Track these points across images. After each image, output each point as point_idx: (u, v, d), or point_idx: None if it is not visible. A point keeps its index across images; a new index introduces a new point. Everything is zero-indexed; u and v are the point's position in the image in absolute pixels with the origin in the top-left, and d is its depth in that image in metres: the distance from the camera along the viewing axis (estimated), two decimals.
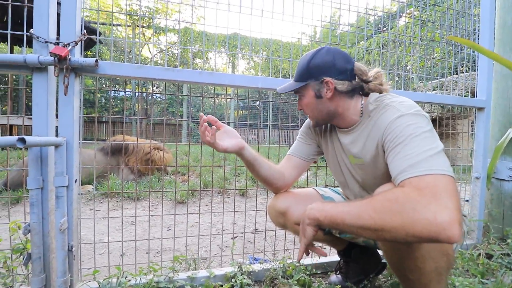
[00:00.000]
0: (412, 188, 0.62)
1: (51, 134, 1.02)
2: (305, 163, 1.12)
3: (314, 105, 0.92)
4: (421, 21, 1.88)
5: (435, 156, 0.66)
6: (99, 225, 2.04)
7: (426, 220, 0.55)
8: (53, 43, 0.99)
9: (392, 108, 0.81)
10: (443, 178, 0.62)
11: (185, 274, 1.18)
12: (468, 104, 1.66)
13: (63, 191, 1.01)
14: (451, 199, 0.57)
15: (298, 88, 0.91)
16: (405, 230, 0.57)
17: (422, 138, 0.70)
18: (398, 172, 0.68)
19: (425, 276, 0.71)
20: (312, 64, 0.88)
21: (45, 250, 1.01)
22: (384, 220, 0.59)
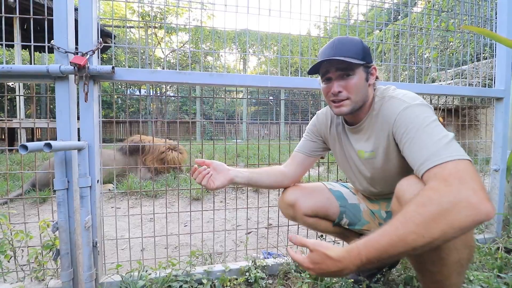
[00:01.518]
0: (438, 181, 0.63)
1: (74, 138, 1.09)
2: (310, 159, 1.14)
3: (362, 88, 0.88)
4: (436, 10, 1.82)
5: (450, 143, 0.68)
6: (120, 222, 2.15)
7: (464, 207, 0.57)
8: (72, 53, 1.05)
9: (398, 100, 0.84)
10: (463, 162, 0.64)
11: (202, 268, 1.23)
12: (485, 94, 1.61)
13: (87, 191, 1.08)
14: (474, 180, 0.60)
15: (356, 64, 0.85)
16: (453, 227, 0.57)
17: (433, 127, 0.72)
18: (420, 163, 0.70)
19: (448, 268, 0.71)
20: (365, 47, 0.88)
21: (72, 246, 1.09)
22: (431, 229, 0.58)
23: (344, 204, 1.12)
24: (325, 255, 0.64)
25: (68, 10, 1.04)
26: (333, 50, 0.87)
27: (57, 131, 1.07)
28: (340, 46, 0.86)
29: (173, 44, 11.10)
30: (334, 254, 0.64)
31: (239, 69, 9.15)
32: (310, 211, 1.09)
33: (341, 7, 1.49)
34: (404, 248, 0.59)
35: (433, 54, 1.66)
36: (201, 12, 1.29)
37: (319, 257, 0.65)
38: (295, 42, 8.89)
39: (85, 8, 1.06)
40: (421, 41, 1.69)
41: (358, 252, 0.62)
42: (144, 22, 8.80)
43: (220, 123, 11.59)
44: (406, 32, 1.65)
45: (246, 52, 8.67)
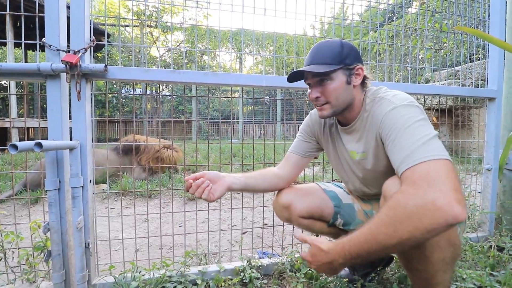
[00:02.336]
0: (407, 183, 0.65)
1: (66, 137, 1.08)
2: (304, 160, 1.14)
3: (341, 92, 0.88)
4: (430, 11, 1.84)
5: (427, 142, 0.69)
6: (113, 222, 2.12)
7: (428, 210, 0.58)
8: (64, 51, 1.04)
9: (387, 101, 0.84)
10: (436, 162, 0.65)
11: (196, 269, 1.23)
12: (478, 95, 1.63)
13: (79, 191, 1.07)
14: (444, 182, 0.60)
15: (332, 70, 0.86)
16: (419, 229, 0.59)
17: (414, 127, 0.73)
18: (397, 165, 0.72)
19: (433, 266, 0.72)
20: (346, 49, 0.87)
21: (64, 247, 1.07)
22: (398, 231, 0.61)
23: (339, 204, 1.12)
24: (318, 248, 0.74)
25: (60, 7, 1.03)
26: (311, 57, 0.90)
27: (49, 130, 1.05)
28: (317, 53, 0.89)
29: (168, 43, 11.03)
30: (325, 246, 0.73)
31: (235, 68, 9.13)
32: (305, 213, 1.09)
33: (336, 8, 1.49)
34: (377, 246, 0.64)
35: (427, 55, 1.67)
36: (196, 11, 1.28)
37: (315, 250, 0.75)
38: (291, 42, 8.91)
39: (77, 5, 1.05)
40: (415, 42, 1.71)
41: (343, 246, 0.70)
42: (139, 21, 8.73)
43: (216, 123, 11.55)
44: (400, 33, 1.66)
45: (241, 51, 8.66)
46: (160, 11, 9.64)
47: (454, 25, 1.72)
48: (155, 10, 9.51)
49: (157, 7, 9.29)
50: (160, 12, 9.74)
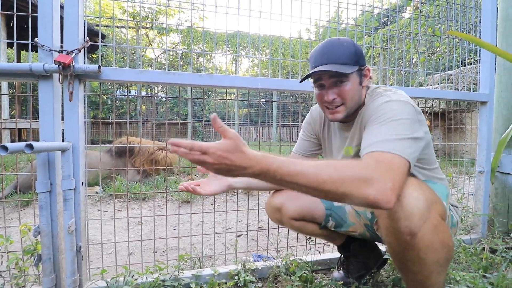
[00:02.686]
0: (371, 159, 0.67)
1: (58, 139, 1.06)
2: (307, 159, 1.14)
3: (356, 93, 0.88)
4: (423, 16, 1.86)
5: (403, 140, 0.70)
6: (106, 225, 2.09)
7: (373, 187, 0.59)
8: (57, 51, 1.02)
9: (384, 96, 0.85)
10: (400, 160, 0.66)
11: (190, 272, 1.21)
12: (470, 98, 1.65)
13: (71, 194, 1.05)
14: (399, 176, 0.63)
15: (352, 71, 0.84)
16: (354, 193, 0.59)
17: (399, 123, 0.73)
18: (367, 145, 0.72)
19: (427, 268, 0.72)
20: (357, 49, 0.86)
21: (55, 251, 1.05)
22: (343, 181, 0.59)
23: (330, 207, 1.13)
24: (240, 147, 0.58)
25: (54, 7, 1.01)
26: (325, 56, 0.85)
27: (40, 131, 1.04)
28: (332, 52, 0.85)
29: (164, 45, 11.01)
30: (249, 150, 0.60)
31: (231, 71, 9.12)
32: (296, 215, 1.09)
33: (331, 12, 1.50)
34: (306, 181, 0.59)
35: (420, 59, 1.70)
36: (191, 13, 1.28)
37: (234, 147, 0.58)
38: (286, 45, 8.96)
39: (71, 5, 1.03)
40: (409, 46, 1.73)
41: (272, 162, 0.59)
42: (134, 22, 8.70)
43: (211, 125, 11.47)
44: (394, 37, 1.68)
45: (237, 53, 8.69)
46: (156, 12, 9.63)
47: (447, 30, 1.74)
48: (151, 11, 9.49)
49: (153, 9, 9.28)
50: (156, 14, 9.73)
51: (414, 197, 0.68)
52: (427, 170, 0.92)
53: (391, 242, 0.76)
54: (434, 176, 0.94)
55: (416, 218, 0.67)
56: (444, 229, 0.72)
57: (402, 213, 0.69)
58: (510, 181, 1.70)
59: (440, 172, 0.98)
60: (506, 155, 1.70)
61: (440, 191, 0.84)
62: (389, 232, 0.73)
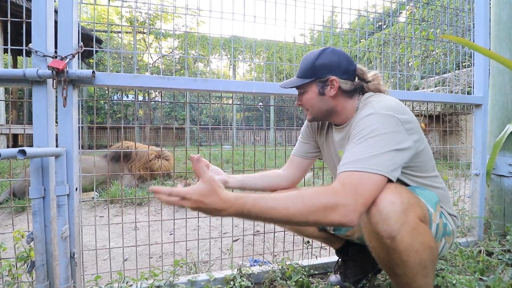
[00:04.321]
0: (339, 183, 0.71)
1: (52, 144, 1.05)
2: (306, 161, 1.15)
3: (315, 102, 0.95)
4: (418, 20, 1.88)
5: (378, 156, 0.72)
6: (102, 231, 2.08)
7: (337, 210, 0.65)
8: (51, 57, 1.02)
9: (369, 107, 0.85)
10: (369, 176, 0.70)
11: (186, 278, 1.20)
12: (465, 101, 1.66)
13: (64, 199, 1.04)
14: (364, 195, 0.68)
15: (302, 84, 0.94)
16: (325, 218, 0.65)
17: (376, 139, 0.75)
18: (342, 164, 0.76)
19: (411, 270, 0.73)
20: (318, 62, 0.91)
21: (48, 257, 1.04)
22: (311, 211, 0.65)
23: None
24: (215, 191, 0.63)
25: (48, 12, 1.01)
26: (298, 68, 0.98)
27: (34, 137, 1.03)
28: (300, 65, 0.98)
29: (162, 50, 11.03)
30: (223, 193, 0.64)
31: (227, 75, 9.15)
32: None
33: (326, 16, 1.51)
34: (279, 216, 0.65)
35: (414, 63, 1.71)
36: (186, 18, 1.29)
37: (209, 191, 0.63)
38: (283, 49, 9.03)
39: (65, 10, 1.04)
40: (403, 50, 1.75)
41: (245, 202, 0.64)
42: (131, 27, 8.73)
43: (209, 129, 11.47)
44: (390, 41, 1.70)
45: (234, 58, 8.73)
46: (153, 17, 9.67)
47: (441, 34, 1.76)
48: (148, 16, 9.54)
49: (149, 14, 9.32)
50: (153, 19, 9.78)
51: (389, 201, 0.70)
52: (420, 178, 0.91)
53: (375, 247, 0.76)
54: (428, 184, 0.93)
55: (392, 221, 0.69)
56: (424, 231, 0.73)
57: (379, 216, 0.71)
58: (505, 184, 1.71)
59: (439, 181, 0.96)
60: (501, 157, 1.70)
61: (428, 198, 0.85)
62: (371, 237, 0.75)
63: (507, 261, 1.37)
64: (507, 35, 1.71)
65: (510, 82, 1.70)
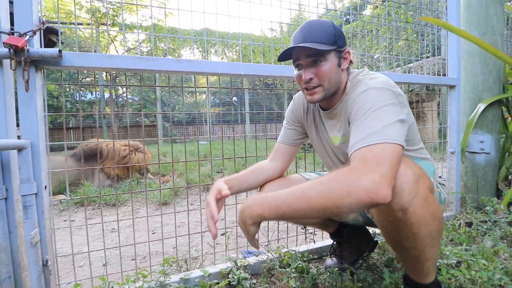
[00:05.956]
0: (358, 160, 0.67)
1: (12, 136, 0.90)
2: (292, 148, 1.10)
3: (333, 74, 0.85)
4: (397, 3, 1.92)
5: (389, 126, 0.69)
6: (75, 235, 1.90)
7: (363, 186, 0.60)
8: (6, 33, 0.87)
9: (363, 84, 0.83)
10: (391, 146, 0.66)
11: (178, 276, 1.11)
12: (440, 82, 1.73)
13: (32, 199, 0.90)
14: (389, 165, 0.64)
15: (326, 50, 0.81)
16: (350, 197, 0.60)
17: (380, 111, 0.72)
18: (354, 143, 0.71)
19: (421, 242, 0.71)
20: (337, 30, 0.84)
21: (16, 268, 0.90)
22: (332, 196, 0.62)
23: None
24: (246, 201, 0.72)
25: None
26: (302, 35, 0.83)
27: None
28: (310, 31, 0.83)
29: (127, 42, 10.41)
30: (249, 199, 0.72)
31: None
32: None
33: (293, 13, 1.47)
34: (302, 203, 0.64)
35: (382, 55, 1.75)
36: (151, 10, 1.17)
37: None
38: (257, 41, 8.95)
39: None
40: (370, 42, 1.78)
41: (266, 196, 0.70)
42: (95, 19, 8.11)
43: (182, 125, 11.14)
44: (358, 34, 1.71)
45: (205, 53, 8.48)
46: (117, 8, 9.07)
47: (415, 18, 1.81)
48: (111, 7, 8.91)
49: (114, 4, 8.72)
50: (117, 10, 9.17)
51: (401, 172, 0.67)
52: (411, 151, 0.92)
53: (383, 221, 0.74)
54: (417, 156, 0.94)
55: (405, 194, 0.66)
56: (433, 202, 0.72)
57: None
58: (477, 160, 1.82)
59: (425, 152, 0.98)
60: (474, 135, 1.81)
61: (426, 168, 0.85)
62: (380, 211, 0.72)
63: (485, 231, 1.45)
64: (476, 19, 1.80)
65: (480, 64, 1.80)
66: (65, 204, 2.53)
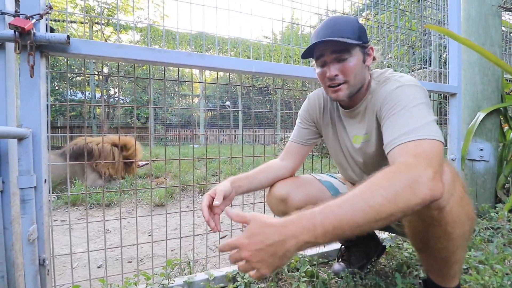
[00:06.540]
0: (408, 155, 0.63)
1: (11, 125, 0.84)
2: (305, 148, 1.08)
3: (359, 70, 0.82)
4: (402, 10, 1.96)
5: (430, 123, 0.68)
6: (66, 236, 1.80)
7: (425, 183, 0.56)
8: (11, 15, 0.82)
9: (393, 81, 0.81)
10: (436, 142, 0.65)
11: (181, 279, 1.06)
12: (442, 90, 1.75)
13: (31, 193, 0.84)
14: (439, 161, 0.61)
15: (353, 44, 0.79)
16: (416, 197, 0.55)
17: (419, 108, 0.71)
18: (393, 138, 0.69)
19: (453, 242, 0.69)
20: (361, 26, 0.82)
21: (9, 266, 0.83)
22: (398, 197, 0.54)
23: (336, 194, 1.07)
24: (263, 222, 0.53)
25: None
26: (327, 30, 0.80)
27: None
28: (335, 26, 0.80)
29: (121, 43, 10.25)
30: (275, 220, 0.54)
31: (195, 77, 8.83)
32: (303, 204, 1.01)
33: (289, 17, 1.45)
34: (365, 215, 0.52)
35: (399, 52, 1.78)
36: (148, 9, 1.14)
37: (257, 226, 0.53)
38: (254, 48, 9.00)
39: None
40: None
41: (313, 216, 0.52)
42: (88, 18, 7.98)
43: (175, 128, 11.00)
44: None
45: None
46: (112, 8, 8.97)
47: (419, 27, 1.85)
48: (107, 6, 8.81)
49: (109, 3, 8.64)
50: (112, 10, 9.07)
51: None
52: None
53: (413, 221, 0.72)
54: None
55: (444, 192, 0.64)
56: (468, 202, 0.70)
57: None
58: (477, 167, 1.85)
59: None
60: (473, 143, 1.84)
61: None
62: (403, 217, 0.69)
63: (488, 238, 1.46)
64: (475, 30, 1.85)
65: (479, 73, 1.85)
66: (54, 203, 2.41)
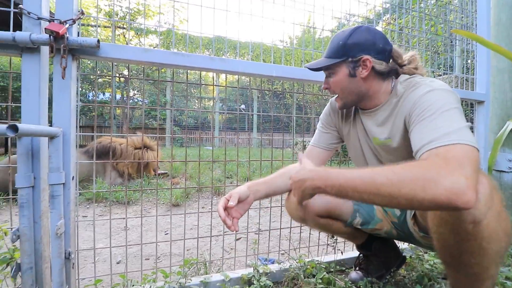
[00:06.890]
0: (438, 158, 0.60)
1: (44, 124, 0.89)
2: (326, 153, 1.07)
3: (345, 84, 0.87)
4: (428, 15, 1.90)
5: (463, 128, 0.64)
6: (87, 231, 1.87)
7: (444, 185, 0.53)
8: (47, 20, 0.86)
9: (424, 85, 0.79)
10: (471, 149, 0.60)
11: (198, 279, 1.07)
12: (469, 97, 1.69)
13: (59, 189, 0.88)
14: (473, 170, 0.56)
15: (330, 64, 0.86)
16: (422, 195, 0.54)
17: (452, 113, 0.68)
18: (424, 143, 0.66)
19: (488, 258, 0.65)
20: (350, 41, 0.83)
21: (37, 258, 0.87)
22: (404, 185, 0.55)
23: (358, 202, 1.05)
24: (304, 166, 0.75)
25: None
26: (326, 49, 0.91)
27: (22, 114, 0.86)
28: (328, 45, 0.91)
29: (142, 46, 10.60)
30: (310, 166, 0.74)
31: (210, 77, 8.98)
32: (323, 211, 1.00)
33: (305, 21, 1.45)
34: (367, 187, 0.59)
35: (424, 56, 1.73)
36: (174, 12, 1.17)
37: (301, 168, 0.75)
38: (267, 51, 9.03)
39: None
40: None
41: (329, 171, 0.67)
42: (111, 23, 8.30)
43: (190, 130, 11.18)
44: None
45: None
46: (134, 13, 9.29)
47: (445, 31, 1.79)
48: (129, 11, 9.13)
49: (132, 8, 8.95)
50: (134, 14, 9.39)
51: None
52: None
53: (444, 234, 0.68)
54: None
55: (481, 205, 0.60)
56: (506, 217, 0.66)
57: None
58: (505, 179, 1.75)
59: None
60: (501, 153, 1.74)
61: None
62: (444, 222, 0.66)
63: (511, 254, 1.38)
64: (506, 35, 1.77)
65: (509, 80, 1.76)
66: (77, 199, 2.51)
